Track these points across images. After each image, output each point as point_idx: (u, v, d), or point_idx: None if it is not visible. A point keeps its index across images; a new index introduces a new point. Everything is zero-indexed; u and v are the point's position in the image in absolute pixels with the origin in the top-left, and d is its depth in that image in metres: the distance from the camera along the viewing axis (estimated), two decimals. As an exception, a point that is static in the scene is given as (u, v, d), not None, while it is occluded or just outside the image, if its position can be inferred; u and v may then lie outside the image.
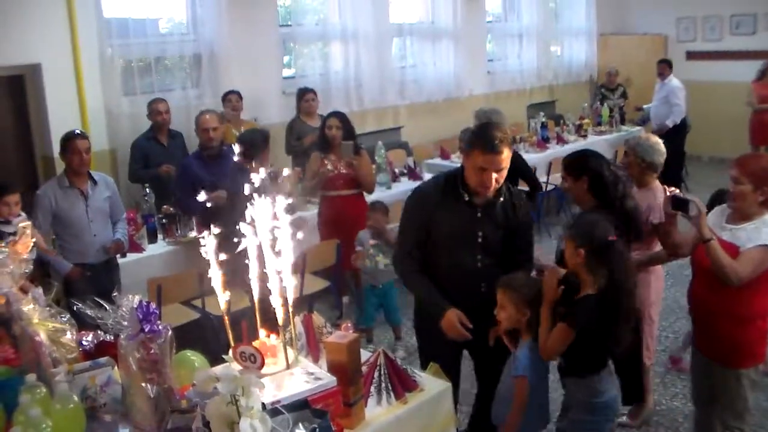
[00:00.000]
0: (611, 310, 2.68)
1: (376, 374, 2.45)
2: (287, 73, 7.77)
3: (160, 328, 2.05)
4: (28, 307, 2.19)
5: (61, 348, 2.21)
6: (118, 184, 4.87)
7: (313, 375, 2.20)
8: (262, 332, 2.33)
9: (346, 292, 5.71)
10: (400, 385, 2.47)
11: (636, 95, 9.80)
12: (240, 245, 2.22)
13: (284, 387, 2.14)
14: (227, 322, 2.31)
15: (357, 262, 4.94)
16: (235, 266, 2.30)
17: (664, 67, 8.83)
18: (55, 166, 5.49)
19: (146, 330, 2.02)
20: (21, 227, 2.44)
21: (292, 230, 2.18)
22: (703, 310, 3.15)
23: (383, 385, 2.44)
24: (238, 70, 6.81)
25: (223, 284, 2.25)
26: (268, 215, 2.17)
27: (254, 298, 2.29)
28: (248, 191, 2.18)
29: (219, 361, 2.36)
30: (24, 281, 2.27)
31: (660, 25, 10.94)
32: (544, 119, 8.52)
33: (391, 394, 2.44)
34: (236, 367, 2.21)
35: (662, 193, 3.70)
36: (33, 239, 2.41)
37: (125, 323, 2.07)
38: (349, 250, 5.07)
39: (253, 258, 2.22)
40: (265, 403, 1.96)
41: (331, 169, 5.37)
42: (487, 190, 2.91)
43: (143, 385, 2.00)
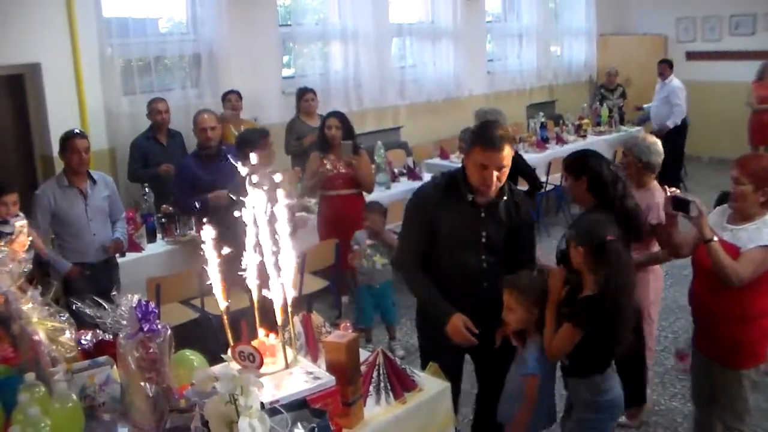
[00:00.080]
0: (610, 309, 2.68)
1: (375, 374, 2.45)
2: (287, 72, 7.77)
3: (159, 327, 2.05)
4: (27, 306, 2.19)
5: (60, 347, 2.20)
6: (117, 184, 4.87)
7: (312, 374, 2.20)
8: (261, 332, 2.33)
9: (345, 292, 5.70)
10: (399, 385, 2.47)
11: (636, 95, 9.81)
12: (239, 246, 2.21)
13: (283, 386, 2.14)
14: (226, 321, 2.31)
15: (354, 262, 4.94)
16: (234, 266, 2.30)
17: (665, 67, 8.80)
18: (54, 165, 5.48)
19: (145, 329, 2.02)
20: (18, 226, 2.43)
21: (292, 227, 2.18)
22: (704, 311, 3.15)
23: (382, 384, 2.44)
24: (238, 70, 6.81)
25: (224, 289, 2.25)
26: (267, 212, 2.17)
27: (253, 298, 2.28)
28: (246, 188, 2.18)
29: (218, 360, 2.36)
30: (22, 281, 2.27)
31: (660, 26, 10.95)
32: (543, 119, 8.53)
33: (390, 394, 2.44)
34: (235, 366, 2.20)
35: (661, 193, 3.69)
36: (29, 238, 2.40)
37: (124, 322, 2.07)
38: (349, 250, 5.06)
39: (252, 257, 2.22)
40: (264, 402, 1.95)
41: (331, 169, 5.37)
42: (488, 189, 2.88)
43: (142, 384, 2.00)
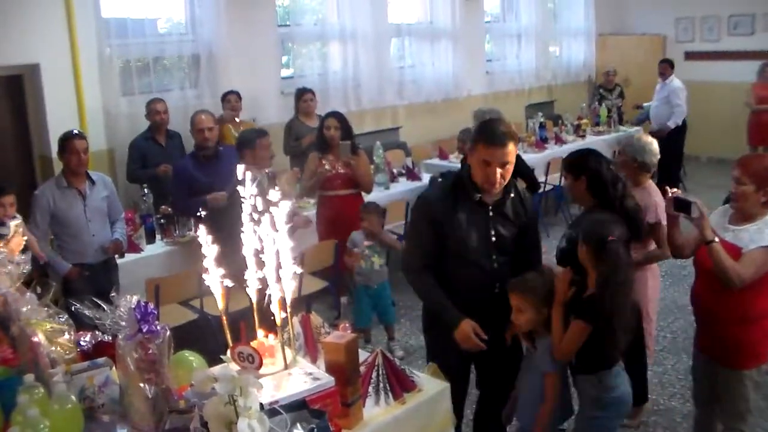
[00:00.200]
0: (609, 308, 2.68)
1: (374, 374, 2.45)
2: (286, 73, 7.77)
3: (158, 328, 2.05)
4: (26, 307, 2.19)
5: (59, 348, 2.20)
6: (116, 184, 4.86)
7: (311, 375, 2.20)
8: (261, 332, 2.33)
9: (344, 293, 5.70)
10: (398, 386, 2.46)
11: (635, 95, 9.81)
12: (239, 245, 2.21)
13: (282, 387, 2.14)
14: (225, 322, 2.31)
15: (350, 263, 4.94)
16: (233, 267, 2.30)
17: (666, 67, 8.71)
18: (53, 166, 5.48)
19: (144, 330, 2.01)
20: (13, 225, 2.43)
21: (291, 226, 2.18)
22: (706, 311, 3.14)
23: (381, 385, 2.44)
24: (237, 71, 6.81)
25: (223, 292, 2.25)
26: (265, 215, 2.17)
27: (252, 299, 2.28)
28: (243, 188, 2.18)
29: (217, 361, 2.35)
30: (20, 284, 2.26)
31: (658, 26, 10.95)
32: (542, 119, 8.52)
33: (389, 395, 2.43)
34: (234, 367, 2.20)
35: (657, 193, 3.70)
36: (24, 237, 2.40)
37: (123, 323, 2.07)
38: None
39: (251, 258, 2.21)
40: (263, 403, 1.95)
41: (329, 169, 5.37)
42: (492, 186, 2.85)
43: (141, 385, 2.00)
